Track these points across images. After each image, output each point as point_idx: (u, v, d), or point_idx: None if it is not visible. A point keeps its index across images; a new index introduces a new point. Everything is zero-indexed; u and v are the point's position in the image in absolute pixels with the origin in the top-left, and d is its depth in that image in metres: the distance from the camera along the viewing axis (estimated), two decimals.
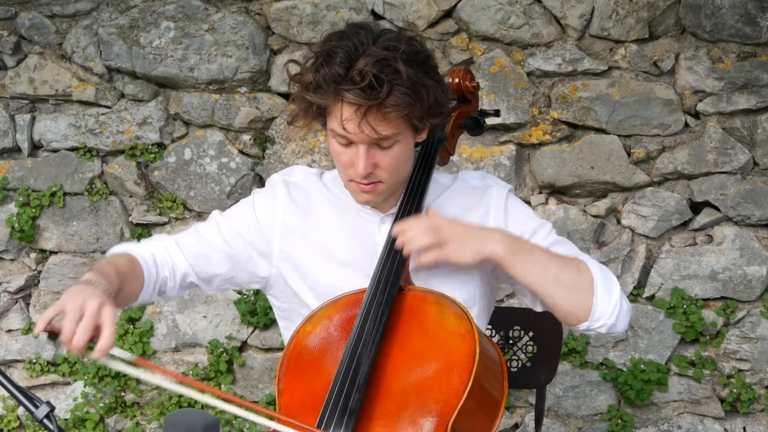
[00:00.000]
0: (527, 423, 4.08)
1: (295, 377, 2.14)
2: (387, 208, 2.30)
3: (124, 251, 2.26)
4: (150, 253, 2.27)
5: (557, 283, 2.17)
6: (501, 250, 2.16)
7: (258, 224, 2.33)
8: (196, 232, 2.36)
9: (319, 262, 2.29)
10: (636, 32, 3.91)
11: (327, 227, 2.31)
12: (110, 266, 2.11)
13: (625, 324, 2.22)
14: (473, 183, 2.37)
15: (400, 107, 2.05)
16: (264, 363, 4.14)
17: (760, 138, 3.92)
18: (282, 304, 2.38)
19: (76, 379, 4.20)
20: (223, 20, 4.04)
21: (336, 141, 2.16)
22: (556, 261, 2.19)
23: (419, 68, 2.08)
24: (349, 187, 2.24)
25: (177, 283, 2.32)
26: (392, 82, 2.03)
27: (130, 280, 2.16)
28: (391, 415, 2.01)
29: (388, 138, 2.11)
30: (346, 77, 2.04)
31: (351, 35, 2.09)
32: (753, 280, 3.97)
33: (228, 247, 2.31)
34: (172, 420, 1.63)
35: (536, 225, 2.31)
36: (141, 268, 2.22)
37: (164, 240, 2.34)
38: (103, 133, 4.13)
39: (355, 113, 2.06)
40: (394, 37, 2.11)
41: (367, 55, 2.04)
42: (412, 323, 2.11)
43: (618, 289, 2.20)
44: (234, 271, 2.33)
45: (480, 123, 2.49)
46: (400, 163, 2.19)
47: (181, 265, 2.31)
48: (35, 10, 4.11)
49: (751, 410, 4.02)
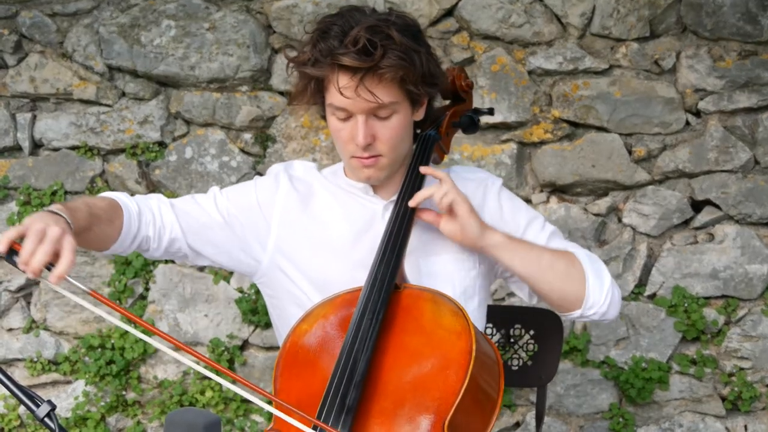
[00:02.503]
0: (528, 421, 4.08)
1: (291, 376, 2.14)
2: (389, 195, 2.31)
3: (111, 196, 2.24)
4: (137, 206, 2.25)
5: (552, 271, 2.23)
6: (500, 237, 2.22)
7: (258, 206, 2.33)
8: (194, 200, 2.35)
9: (319, 253, 2.30)
10: (637, 31, 3.91)
11: (329, 217, 2.33)
12: (84, 204, 2.10)
13: (615, 312, 2.30)
14: (466, 175, 2.40)
15: (395, 69, 2.10)
16: (265, 361, 4.14)
17: (761, 136, 3.92)
18: (274, 293, 2.37)
19: (77, 377, 4.20)
20: (224, 19, 4.04)
21: (335, 117, 2.20)
22: (549, 251, 2.27)
23: (410, 36, 2.15)
24: (351, 164, 2.26)
25: (162, 245, 2.29)
26: (386, 46, 2.09)
27: (103, 224, 2.14)
28: (388, 413, 2.01)
29: (385, 106, 2.15)
30: (340, 46, 2.10)
31: (344, 14, 2.16)
32: (754, 279, 3.97)
33: (224, 222, 2.31)
34: (174, 419, 1.63)
35: (531, 217, 2.37)
36: (122, 217, 2.20)
37: (159, 199, 2.32)
38: (104, 131, 4.13)
39: (351, 79, 2.11)
40: (386, 13, 2.20)
41: (359, 24, 2.11)
42: (408, 321, 2.12)
43: (609, 277, 2.28)
44: (226, 246, 2.32)
45: (474, 121, 2.51)
46: (400, 135, 2.22)
47: (171, 228, 2.29)
48: (36, 8, 4.11)
49: (752, 408, 4.02)
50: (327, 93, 2.18)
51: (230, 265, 2.38)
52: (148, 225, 2.26)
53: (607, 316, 2.27)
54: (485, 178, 2.40)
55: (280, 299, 2.37)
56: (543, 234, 2.34)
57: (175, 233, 2.29)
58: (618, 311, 2.30)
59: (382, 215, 2.30)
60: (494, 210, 2.35)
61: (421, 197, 2.22)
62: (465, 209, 2.20)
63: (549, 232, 2.35)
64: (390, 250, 2.19)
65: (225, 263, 2.37)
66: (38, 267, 1.83)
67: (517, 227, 2.34)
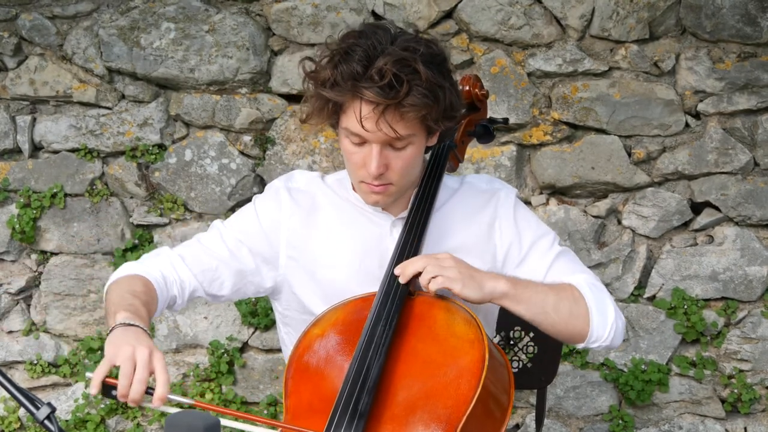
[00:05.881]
0: (528, 423, 4.08)
1: (302, 379, 2.13)
2: (398, 212, 2.30)
3: (136, 274, 2.21)
4: (160, 273, 2.23)
5: (556, 313, 2.20)
6: (503, 285, 2.16)
7: (262, 231, 2.31)
8: (200, 243, 2.32)
9: (328, 269, 2.29)
10: (636, 32, 3.92)
11: (335, 232, 2.31)
12: (135, 299, 2.08)
13: (619, 341, 2.28)
14: (481, 186, 2.38)
15: (418, 107, 2.07)
16: (265, 364, 4.14)
17: (760, 138, 3.92)
18: (285, 310, 2.38)
19: (77, 380, 4.20)
20: (224, 21, 4.04)
21: (349, 140, 2.16)
22: (553, 291, 2.23)
23: (437, 70, 2.10)
24: (359, 188, 2.24)
25: (185, 299, 2.29)
26: (411, 82, 2.05)
27: (151, 307, 2.14)
28: (399, 420, 2.01)
29: (402, 138, 2.12)
30: (365, 75, 2.05)
31: (369, 34, 2.11)
32: (754, 281, 3.97)
33: (233, 259, 2.29)
34: (173, 421, 1.63)
35: (540, 234, 2.34)
36: (155, 291, 2.19)
37: (169, 255, 2.29)
38: (103, 134, 4.13)
39: (373, 111, 2.07)
40: (412, 39, 2.13)
41: (386, 54, 2.06)
42: (421, 328, 2.11)
43: (612, 310, 2.25)
44: (241, 283, 2.31)
45: (490, 131, 2.50)
46: (412, 165, 2.19)
47: (189, 282, 2.27)
48: (36, 11, 4.11)
49: (752, 410, 4.02)
50: (344, 116, 2.14)
51: (249, 295, 2.37)
52: (173, 285, 2.25)
53: (611, 346, 2.27)
54: (499, 189, 2.38)
55: (290, 318, 2.37)
56: (549, 254, 2.31)
57: (193, 286, 2.28)
58: (622, 339, 2.29)
59: (390, 232, 2.29)
60: (505, 224, 2.33)
61: (409, 273, 2.13)
62: (457, 286, 2.11)
63: (555, 253, 2.31)
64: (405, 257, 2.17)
65: (243, 295, 2.36)
66: (139, 398, 1.84)
67: (524, 243, 2.32)
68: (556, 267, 2.30)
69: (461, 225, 2.33)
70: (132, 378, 1.84)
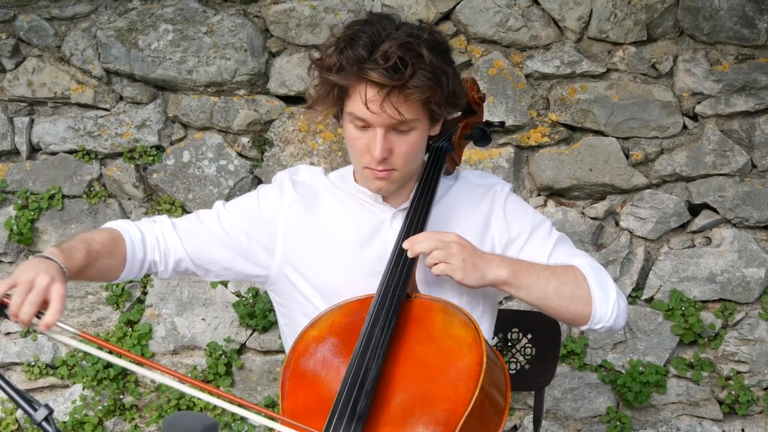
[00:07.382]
0: (526, 425, 4.08)
1: (299, 381, 2.13)
2: (399, 203, 2.31)
3: (112, 227, 2.27)
4: (139, 233, 2.27)
5: (558, 296, 2.22)
6: (505, 273, 2.19)
7: (262, 218, 2.33)
8: (197, 218, 2.36)
9: (326, 260, 2.30)
10: (634, 34, 3.92)
11: (336, 224, 2.32)
12: (82, 242, 2.12)
13: (623, 322, 2.31)
14: (475, 181, 2.41)
15: (422, 90, 2.10)
16: (263, 365, 4.14)
17: (758, 140, 3.93)
18: (284, 301, 2.38)
19: (74, 381, 4.20)
20: (222, 23, 4.04)
21: (353, 125, 2.18)
22: (555, 275, 2.24)
23: (440, 56, 2.15)
24: (363, 174, 2.25)
25: (169, 267, 2.31)
26: (415, 65, 2.08)
27: (104, 258, 2.16)
28: (397, 422, 2.01)
29: (406, 122, 2.14)
30: (369, 59, 2.08)
31: (374, 22, 2.14)
32: (751, 282, 3.98)
33: (227, 237, 2.32)
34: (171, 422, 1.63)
35: (536, 222, 2.36)
36: (125, 247, 2.23)
37: (161, 222, 2.33)
38: (101, 135, 4.13)
39: (378, 93, 2.10)
40: (416, 26, 2.17)
41: (391, 38, 2.09)
42: (419, 331, 2.12)
43: (614, 291, 2.28)
44: (234, 261, 2.33)
45: (487, 134, 2.52)
46: (415, 151, 2.22)
47: (175, 250, 2.30)
48: (34, 12, 4.11)
49: (749, 412, 4.02)
50: (349, 101, 2.17)
51: (239, 279, 2.39)
52: (153, 250, 2.29)
53: (614, 327, 2.29)
54: (494, 183, 2.40)
55: (288, 308, 2.37)
56: (549, 241, 2.33)
57: (179, 254, 2.31)
58: (625, 320, 2.31)
59: (390, 223, 2.30)
60: (501, 218, 2.35)
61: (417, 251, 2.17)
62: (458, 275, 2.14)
63: (554, 239, 2.34)
64: (402, 259, 2.18)
65: (233, 278, 2.39)
66: (27, 319, 1.89)
67: (521, 235, 2.34)
68: (557, 253, 2.32)
69: (460, 218, 2.34)
70: (25, 299, 1.89)
